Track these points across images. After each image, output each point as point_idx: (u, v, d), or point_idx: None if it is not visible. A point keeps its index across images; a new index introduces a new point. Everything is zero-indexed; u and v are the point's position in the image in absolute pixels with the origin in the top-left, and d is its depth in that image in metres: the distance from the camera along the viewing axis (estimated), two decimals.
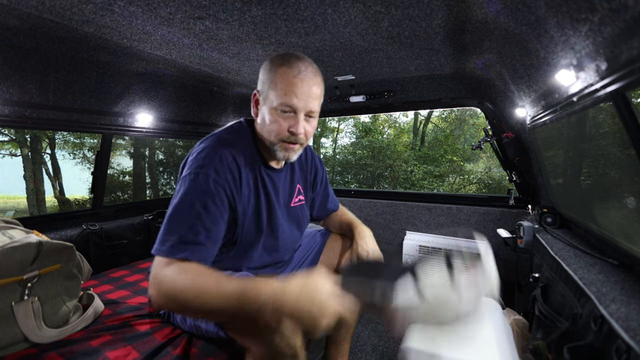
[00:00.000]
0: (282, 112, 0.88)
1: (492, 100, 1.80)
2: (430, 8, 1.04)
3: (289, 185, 1.10)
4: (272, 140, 0.92)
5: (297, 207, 1.14)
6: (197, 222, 0.81)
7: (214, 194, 0.85)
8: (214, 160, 0.86)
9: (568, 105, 1.04)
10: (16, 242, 0.93)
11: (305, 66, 0.88)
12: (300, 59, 0.89)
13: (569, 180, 1.41)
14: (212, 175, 0.85)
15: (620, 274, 0.88)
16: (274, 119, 0.89)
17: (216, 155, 0.87)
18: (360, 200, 2.45)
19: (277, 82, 0.87)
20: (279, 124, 0.89)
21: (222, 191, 0.86)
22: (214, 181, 0.85)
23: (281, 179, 1.06)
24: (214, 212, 0.84)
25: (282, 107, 0.87)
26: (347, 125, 11.08)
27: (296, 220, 1.13)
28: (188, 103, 2.16)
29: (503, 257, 2.00)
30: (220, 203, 0.86)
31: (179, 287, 0.72)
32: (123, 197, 8.70)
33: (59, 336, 0.95)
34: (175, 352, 0.91)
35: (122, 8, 1.05)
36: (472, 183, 9.32)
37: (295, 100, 0.86)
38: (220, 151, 0.89)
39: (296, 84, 0.86)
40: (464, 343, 1.03)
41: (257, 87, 0.95)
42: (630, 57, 0.65)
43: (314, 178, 1.22)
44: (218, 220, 0.85)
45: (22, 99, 1.38)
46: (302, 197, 1.17)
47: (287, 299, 0.67)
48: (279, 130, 0.89)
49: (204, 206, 0.83)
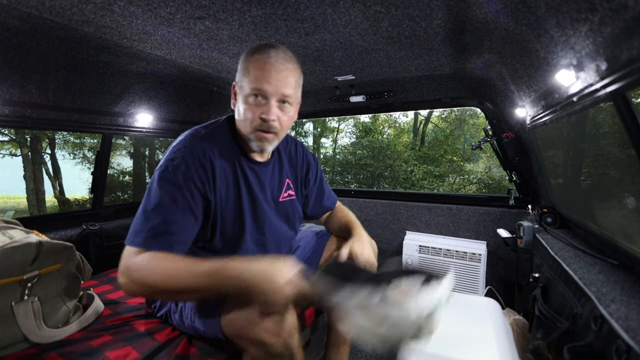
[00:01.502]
0: (255, 97, 0.87)
1: (492, 100, 1.80)
2: (430, 8, 1.04)
3: (277, 179, 1.08)
4: (247, 130, 0.91)
5: (287, 202, 1.11)
6: (167, 214, 0.81)
7: (183, 186, 0.84)
8: (184, 154, 0.87)
9: (568, 105, 1.04)
10: (16, 242, 0.93)
11: (277, 52, 0.88)
12: (273, 47, 0.88)
13: (569, 180, 1.41)
14: (182, 168, 0.85)
15: (620, 274, 0.88)
16: (247, 107, 0.88)
17: (187, 149, 0.87)
18: (360, 200, 2.45)
19: (250, 69, 0.87)
20: (252, 112, 0.88)
21: (191, 184, 0.86)
22: (183, 174, 0.85)
23: (267, 172, 1.04)
24: (183, 205, 0.84)
25: (254, 92, 0.86)
26: (347, 125, 11.08)
27: (285, 215, 1.11)
28: (188, 103, 2.16)
29: (503, 257, 2.00)
30: (190, 196, 0.85)
31: (149, 272, 0.75)
32: (123, 197, 8.70)
33: (59, 336, 0.96)
34: (175, 352, 0.91)
35: (122, 8, 1.05)
36: (472, 183, 9.32)
37: (266, 85, 0.85)
38: (193, 144, 0.89)
39: (267, 68, 0.85)
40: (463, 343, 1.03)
41: None
42: (630, 57, 0.65)
43: (305, 174, 1.20)
44: (187, 212, 0.85)
45: (22, 99, 1.38)
46: (292, 192, 1.14)
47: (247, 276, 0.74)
48: (252, 117, 0.88)
49: (173, 199, 0.83)
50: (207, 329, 0.89)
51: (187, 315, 0.95)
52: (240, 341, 0.82)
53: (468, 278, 1.98)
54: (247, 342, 0.80)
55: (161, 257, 0.77)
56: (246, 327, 0.78)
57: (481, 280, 1.94)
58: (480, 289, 1.95)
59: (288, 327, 0.78)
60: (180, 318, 0.98)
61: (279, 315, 0.77)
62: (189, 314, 0.94)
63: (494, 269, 2.03)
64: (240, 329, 0.79)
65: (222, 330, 0.85)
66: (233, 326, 0.81)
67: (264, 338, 0.75)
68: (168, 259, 0.77)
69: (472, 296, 1.39)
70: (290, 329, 0.78)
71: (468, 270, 1.98)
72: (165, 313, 1.04)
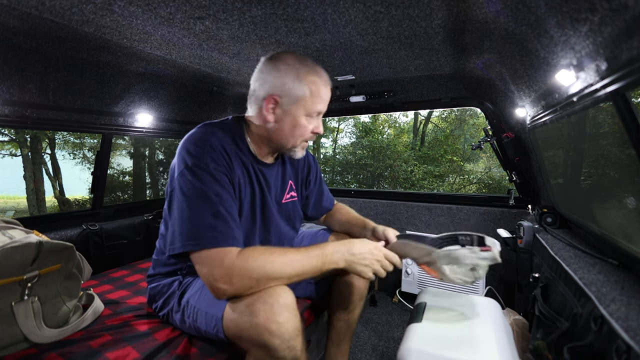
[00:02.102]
0: (309, 116, 0.95)
1: (492, 100, 1.80)
2: (430, 8, 1.04)
3: (281, 180, 1.11)
4: (295, 143, 0.97)
5: (289, 203, 1.14)
6: (220, 209, 0.82)
7: (219, 179, 0.86)
8: (205, 150, 0.87)
9: (568, 105, 1.04)
10: (16, 242, 0.93)
11: (326, 74, 0.97)
12: (319, 66, 0.96)
13: (569, 180, 1.41)
14: (211, 164, 0.86)
15: (620, 274, 0.88)
16: (302, 124, 0.94)
17: (207, 145, 0.88)
18: (360, 200, 2.45)
19: (313, 90, 0.92)
20: (306, 128, 0.96)
21: (224, 176, 0.87)
22: (214, 169, 0.85)
23: (272, 174, 1.06)
24: (227, 197, 0.85)
25: (313, 114, 0.95)
26: (347, 125, 11.08)
27: (287, 217, 1.14)
28: (188, 103, 2.16)
29: (503, 257, 2.00)
30: (228, 187, 0.87)
31: (258, 268, 0.78)
32: (123, 197, 8.70)
33: (59, 336, 0.96)
34: (175, 352, 0.91)
35: (122, 8, 1.05)
36: (472, 183, 9.32)
37: (323, 106, 0.96)
38: (210, 142, 0.89)
39: (326, 92, 0.96)
40: (463, 343, 1.03)
41: (268, 91, 0.91)
42: (630, 57, 0.65)
43: (306, 175, 1.22)
44: (232, 203, 0.87)
45: (22, 99, 1.38)
46: (295, 194, 1.17)
47: (347, 247, 0.90)
48: (304, 132, 0.96)
49: (217, 193, 0.83)
50: (209, 329, 0.89)
51: (189, 314, 0.95)
52: (242, 343, 0.82)
53: None
54: (250, 344, 0.79)
55: (261, 251, 0.81)
56: (248, 329, 0.77)
57: (481, 280, 1.94)
58: (480, 289, 1.95)
59: (292, 329, 0.77)
60: (182, 317, 0.97)
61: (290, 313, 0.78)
62: (191, 313, 0.94)
63: (494, 269, 2.03)
64: (243, 331, 0.79)
65: (224, 331, 0.85)
66: (235, 327, 0.81)
67: (266, 340, 0.75)
68: (268, 251, 0.82)
69: (472, 296, 1.39)
70: (294, 331, 0.78)
71: None
72: (167, 313, 1.04)
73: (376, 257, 0.92)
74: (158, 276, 1.09)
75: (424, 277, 2.12)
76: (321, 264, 0.85)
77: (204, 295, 0.93)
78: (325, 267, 0.86)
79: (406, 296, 2.25)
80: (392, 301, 2.23)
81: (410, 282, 2.16)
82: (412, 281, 2.15)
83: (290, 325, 0.77)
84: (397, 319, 2.00)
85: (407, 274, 2.16)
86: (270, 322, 0.75)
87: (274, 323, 0.75)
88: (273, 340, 0.75)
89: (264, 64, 0.94)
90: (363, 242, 0.93)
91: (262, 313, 0.75)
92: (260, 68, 0.95)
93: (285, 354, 0.76)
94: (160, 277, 1.08)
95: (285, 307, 0.77)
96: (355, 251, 0.90)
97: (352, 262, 0.89)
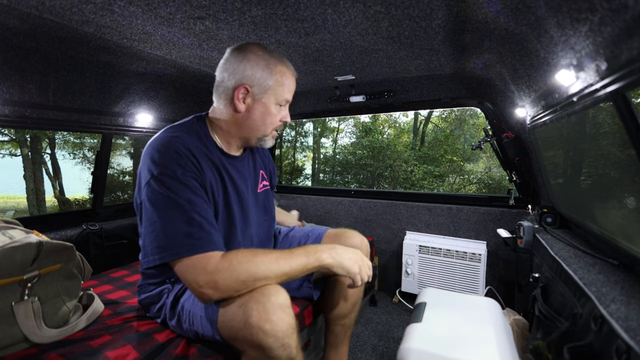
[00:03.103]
0: (279, 105, 1.00)
1: (492, 100, 1.80)
2: (430, 8, 1.04)
3: (253, 171, 1.12)
4: (265, 131, 1.00)
5: (263, 192, 1.16)
6: (193, 215, 0.81)
7: (189, 185, 0.84)
8: (171, 157, 0.85)
9: (568, 105, 1.04)
10: (16, 242, 0.93)
11: (291, 65, 1.01)
12: (285, 58, 1.01)
13: (569, 180, 1.41)
14: (178, 170, 0.84)
15: (620, 274, 0.88)
16: (273, 112, 0.98)
17: (171, 151, 0.86)
18: (360, 200, 2.45)
19: (282, 80, 0.96)
20: (275, 116, 1.00)
21: (194, 180, 0.86)
22: (182, 175, 0.84)
23: (244, 165, 1.08)
24: (199, 202, 0.85)
25: (282, 102, 0.99)
26: (347, 125, 11.08)
27: (263, 206, 1.16)
28: (188, 103, 2.16)
29: (503, 257, 2.00)
30: (199, 191, 0.87)
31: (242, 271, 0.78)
32: (123, 197, 8.70)
33: (59, 336, 0.95)
34: (175, 353, 0.91)
35: (122, 8, 1.05)
36: (472, 183, 9.32)
37: (290, 95, 1.01)
38: (174, 146, 0.87)
39: (293, 82, 1.01)
40: (463, 343, 1.03)
41: (239, 80, 0.93)
42: (630, 57, 0.65)
43: (272, 164, 1.27)
44: (206, 207, 0.86)
45: (22, 99, 1.38)
46: (267, 183, 1.19)
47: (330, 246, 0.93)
48: (274, 121, 1.00)
49: (188, 200, 0.82)
50: (205, 332, 0.89)
51: (185, 319, 0.94)
52: (237, 343, 0.82)
53: (468, 278, 1.98)
54: (244, 344, 0.79)
55: (244, 253, 0.81)
56: (242, 329, 0.77)
57: (481, 280, 1.94)
58: (480, 289, 1.95)
59: (285, 328, 0.77)
60: (178, 323, 0.96)
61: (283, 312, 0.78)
62: (187, 317, 0.93)
63: (494, 269, 2.03)
64: (237, 331, 0.78)
65: (220, 333, 0.85)
66: (230, 329, 0.81)
67: (260, 340, 0.75)
68: (251, 252, 0.83)
69: (472, 296, 1.39)
70: (288, 329, 0.77)
71: (468, 270, 1.98)
72: (162, 321, 1.03)
73: (358, 261, 0.95)
74: (146, 286, 1.06)
75: (424, 277, 2.12)
76: (305, 260, 0.87)
77: (197, 299, 0.92)
78: (311, 264, 0.88)
79: (406, 296, 2.25)
80: (392, 301, 2.23)
81: (410, 282, 2.16)
82: (412, 281, 2.15)
83: (284, 323, 0.77)
84: (397, 319, 2.00)
85: (407, 274, 2.16)
86: (263, 321, 0.75)
87: (267, 322, 0.75)
88: (267, 340, 0.75)
89: (231, 54, 0.95)
90: (345, 247, 0.97)
91: (255, 312, 0.75)
92: (227, 58, 0.95)
93: (280, 353, 0.76)
94: (149, 287, 1.05)
95: (279, 306, 0.77)
96: (339, 250, 0.94)
97: (336, 257, 0.92)
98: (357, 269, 0.93)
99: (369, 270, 0.98)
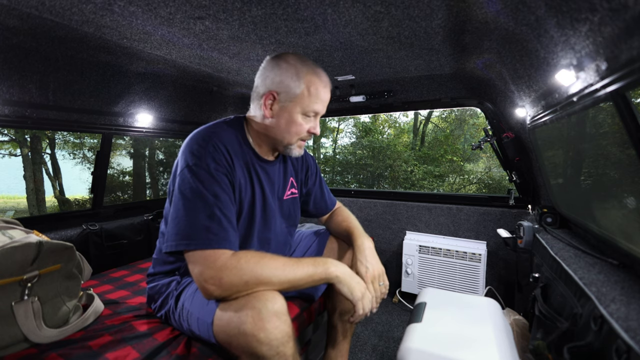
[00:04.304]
0: (307, 116, 0.97)
1: (492, 100, 1.80)
2: (430, 8, 1.04)
3: (283, 177, 1.13)
4: (290, 140, 0.99)
5: (290, 199, 1.16)
6: (215, 210, 0.83)
7: (219, 181, 0.87)
8: (208, 150, 0.88)
9: (568, 105, 1.04)
10: (16, 242, 0.93)
11: (326, 77, 0.99)
12: (320, 68, 0.98)
13: (568, 180, 1.41)
14: (212, 164, 0.87)
15: (620, 274, 0.88)
16: (298, 122, 0.97)
17: (209, 145, 0.89)
18: (360, 200, 2.45)
19: (310, 89, 0.94)
20: (302, 126, 0.97)
21: (224, 177, 0.89)
22: (214, 170, 0.87)
23: (275, 171, 1.09)
24: (225, 198, 0.86)
25: (310, 113, 0.97)
26: (347, 125, 11.08)
27: (287, 213, 1.16)
28: (188, 103, 2.16)
29: (503, 257, 2.00)
30: (227, 188, 0.88)
31: (247, 271, 0.78)
32: (123, 197, 8.70)
33: (59, 336, 0.95)
34: (175, 353, 0.91)
35: (122, 8, 1.05)
36: (472, 183, 9.32)
37: (320, 107, 0.98)
38: (212, 141, 0.91)
39: (325, 93, 0.98)
40: (463, 343, 1.03)
41: (268, 87, 0.95)
42: (630, 57, 0.65)
43: (306, 172, 1.25)
44: (230, 205, 0.88)
45: (22, 99, 1.38)
46: (295, 191, 1.19)
47: (340, 264, 0.93)
48: (300, 130, 0.98)
49: (215, 194, 0.84)
50: (202, 333, 0.89)
51: (185, 318, 0.94)
52: (232, 349, 0.82)
53: (468, 278, 1.98)
54: (239, 351, 0.79)
55: (253, 255, 0.82)
56: (236, 336, 0.76)
57: (481, 280, 1.94)
58: (480, 289, 1.95)
59: (280, 336, 0.76)
60: (180, 319, 0.97)
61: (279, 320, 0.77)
62: (186, 316, 0.94)
63: (494, 269, 2.03)
64: (232, 338, 0.78)
65: (215, 336, 0.85)
66: (224, 334, 0.81)
67: (254, 348, 0.74)
68: (259, 255, 0.83)
69: (472, 296, 1.39)
70: (283, 338, 0.76)
71: (468, 270, 1.98)
72: (165, 313, 1.04)
73: (362, 290, 0.94)
74: (157, 275, 1.09)
75: (424, 277, 2.12)
76: (313, 270, 0.87)
77: (196, 299, 0.93)
78: (318, 275, 0.88)
79: (406, 296, 2.25)
80: (392, 301, 2.23)
81: (410, 282, 2.16)
82: (412, 281, 2.15)
83: (279, 331, 0.76)
84: (397, 319, 2.00)
85: (407, 274, 2.16)
86: (258, 329, 0.74)
87: (261, 330, 0.74)
88: (261, 348, 0.74)
89: (267, 62, 0.98)
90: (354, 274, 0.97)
91: (250, 319, 0.75)
92: (264, 66, 0.98)
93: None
94: (159, 276, 1.08)
95: (274, 313, 0.76)
96: (347, 271, 0.94)
97: (344, 277, 0.91)
98: (361, 295, 0.92)
99: (375, 303, 0.97)
